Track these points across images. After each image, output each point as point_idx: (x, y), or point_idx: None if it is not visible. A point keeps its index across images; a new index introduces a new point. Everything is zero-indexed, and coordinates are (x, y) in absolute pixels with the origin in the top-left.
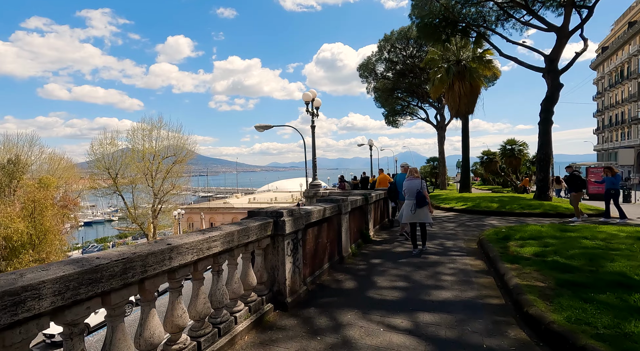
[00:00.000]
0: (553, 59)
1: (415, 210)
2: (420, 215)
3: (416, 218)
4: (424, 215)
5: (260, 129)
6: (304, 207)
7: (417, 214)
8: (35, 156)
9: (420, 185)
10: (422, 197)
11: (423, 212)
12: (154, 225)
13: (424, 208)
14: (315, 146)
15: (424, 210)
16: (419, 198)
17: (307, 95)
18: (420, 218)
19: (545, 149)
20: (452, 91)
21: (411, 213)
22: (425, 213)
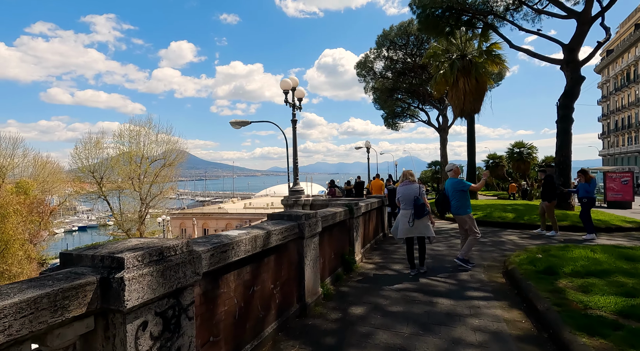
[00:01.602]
0: (573, 48)
1: (413, 222)
2: (419, 227)
3: (415, 231)
4: (424, 227)
5: (237, 126)
6: (230, 232)
7: (416, 227)
8: (18, 159)
9: (419, 191)
10: (421, 206)
11: (423, 224)
12: (140, 231)
13: (424, 219)
14: (296, 145)
15: (423, 221)
16: (417, 208)
17: (286, 82)
18: (420, 232)
19: (564, 151)
20: (457, 88)
21: (409, 226)
22: (425, 225)
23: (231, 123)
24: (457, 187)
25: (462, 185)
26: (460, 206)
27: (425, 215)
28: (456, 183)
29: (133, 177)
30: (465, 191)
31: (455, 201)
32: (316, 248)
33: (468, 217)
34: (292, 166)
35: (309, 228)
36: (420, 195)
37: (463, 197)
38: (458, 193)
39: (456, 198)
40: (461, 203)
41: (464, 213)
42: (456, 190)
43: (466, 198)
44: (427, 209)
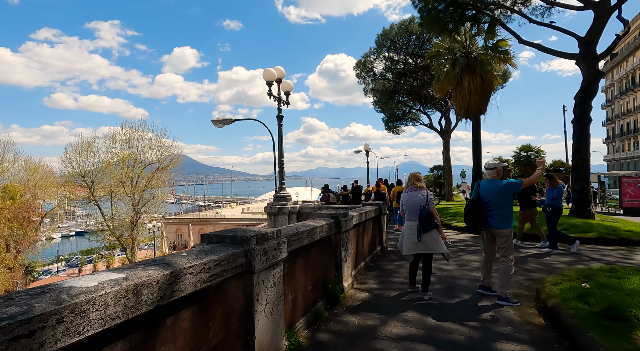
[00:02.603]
0: (590, 41)
1: (420, 236)
2: (427, 242)
3: (422, 247)
4: (433, 242)
5: (219, 124)
6: (77, 280)
7: (424, 242)
8: (8, 163)
9: (426, 199)
10: (428, 217)
11: (431, 238)
12: (132, 237)
13: (433, 232)
14: (282, 144)
15: (432, 235)
16: (422, 219)
17: (269, 72)
18: (428, 247)
19: (582, 153)
20: (461, 87)
21: (416, 241)
22: (434, 239)
23: (213, 122)
24: (506, 190)
25: (514, 185)
26: (507, 217)
27: (433, 228)
28: (504, 187)
29: (125, 182)
30: (513, 195)
31: (500, 210)
32: (279, 283)
33: (511, 232)
34: (277, 168)
35: (262, 256)
36: (428, 203)
37: (510, 204)
38: (505, 200)
39: (501, 206)
40: (508, 213)
41: (508, 226)
42: (502, 195)
43: (512, 206)
44: (435, 221)
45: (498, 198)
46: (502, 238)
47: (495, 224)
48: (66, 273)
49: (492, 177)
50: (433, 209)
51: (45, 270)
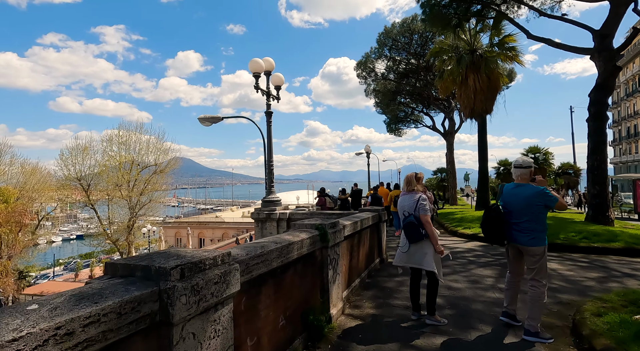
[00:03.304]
0: (606, 34)
1: (408, 247)
2: (416, 256)
3: (411, 260)
4: (421, 256)
5: (207, 123)
6: None
7: (413, 254)
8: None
9: (415, 204)
10: (410, 226)
11: (420, 252)
12: (128, 241)
13: (422, 244)
14: (271, 144)
15: (421, 248)
16: (405, 228)
17: (256, 63)
18: (416, 262)
19: (598, 154)
20: (466, 86)
21: (406, 250)
22: (423, 254)
23: (200, 120)
24: (539, 199)
25: (548, 199)
26: (538, 232)
27: (418, 239)
28: (537, 196)
29: (121, 185)
30: (547, 209)
31: (529, 223)
32: (225, 330)
33: (544, 250)
34: (267, 170)
35: (191, 296)
36: (416, 208)
37: (544, 217)
38: (536, 210)
39: (531, 219)
40: (539, 228)
41: (541, 243)
42: (532, 205)
43: (545, 220)
44: (421, 230)
45: (527, 209)
46: (532, 258)
47: (523, 240)
48: (62, 277)
49: (521, 180)
50: (424, 217)
51: (43, 274)
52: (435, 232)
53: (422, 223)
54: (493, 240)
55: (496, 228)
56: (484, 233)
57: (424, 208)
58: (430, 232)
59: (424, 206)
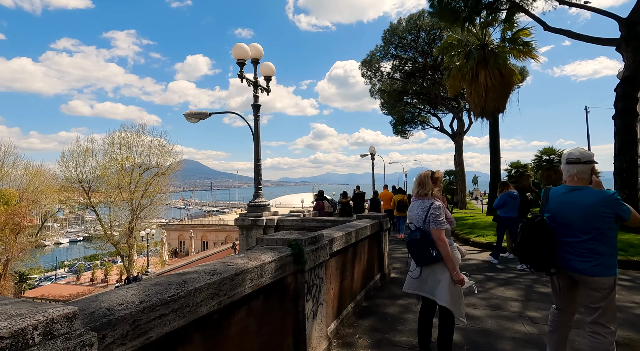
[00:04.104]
0: (635, 22)
1: (419, 272)
2: (429, 282)
3: (423, 287)
4: (435, 283)
5: (194, 120)
6: None
7: (424, 279)
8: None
9: (424, 214)
10: (415, 243)
11: (433, 278)
12: (129, 244)
13: (435, 268)
14: (258, 140)
15: (434, 273)
16: (411, 245)
17: (241, 48)
18: (429, 290)
19: (627, 154)
20: (476, 83)
21: (417, 274)
22: (437, 281)
23: (185, 116)
24: (608, 209)
25: (620, 207)
26: (607, 256)
27: (429, 261)
28: (606, 202)
29: (122, 187)
30: (619, 224)
31: (594, 242)
32: None
33: (614, 282)
34: (254, 170)
35: None
36: (426, 222)
37: (612, 235)
38: (603, 225)
39: (596, 236)
40: (608, 249)
41: (610, 272)
42: (601, 216)
43: (616, 240)
44: (430, 250)
45: (589, 222)
46: (595, 292)
47: (582, 267)
48: (64, 280)
49: (578, 181)
50: (436, 233)
51: (47, 276)
52: (453, 253)
53: (434, 241)
54: (535, 265)
55: (541, 250)
56: (522, 255)
57: (436, 221)
58: (445, 252)
59: (435, 217)
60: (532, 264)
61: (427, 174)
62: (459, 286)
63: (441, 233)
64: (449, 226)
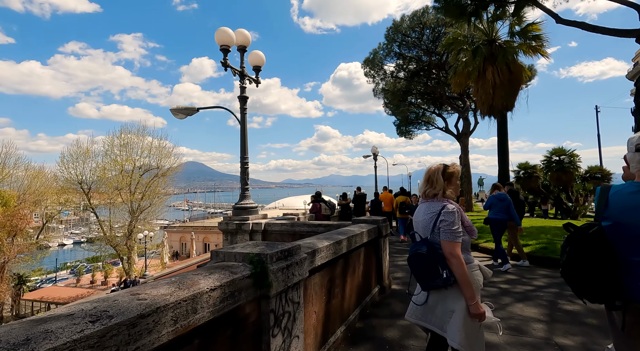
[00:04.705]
0: None
1: (425, 297)
2: (437, 312)
3: (431, 318)
4: (444, 316)
5: (181, 116)
6: None
7: (431, 308)
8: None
9: (433, 221)
10: (419, 258)
11: (443, 306)
12: (128, 246)
13: (446, 294)
14: (245, 135)
15: (444, 300)
16: (412, 261)
17: (224, 34)
18: (436, 323)
19: None
20: (484, 80)
21: (422, 300)
22: (447, 311)
23: (172, 112)
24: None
25: None
26: None
27: (437, 285)
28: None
29: (121, 188)
30: None
31: None
32: None
33: None
34: (240, 168)
35: None
36: (434, 229)
37: None
38: None
39: None
40: None
41: None
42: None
43: None
44: (439, 270)
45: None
46: None
47: None
48: (65, 282)
49: (629, 177)
50: (448, 246)
51: (49, 278)
52: (472, 275)
53: (446, 258)
54: (591, 294)
55: (600, 274)
56: (571, 280)
57: (448, 230)
58: (461, 273)
59: (448, 225)
60: (585, 293)
61: (437, 168)
62: (475, 321)
63: (455, 248)
64: (467, 237)
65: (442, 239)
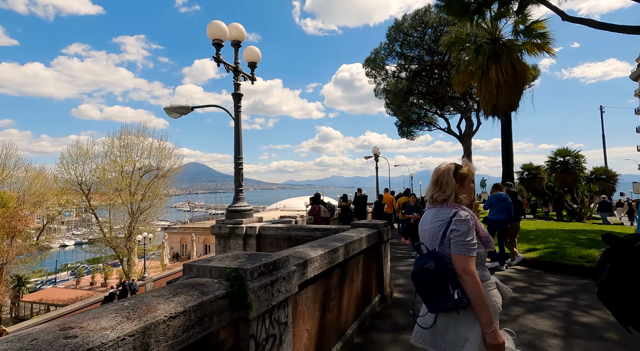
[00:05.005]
0: None
1: (433, 319)
2: (446, 339)
3: (435, 344)
4: (454, 344)
5: (176, 115)
6: None
7: (438, 332)
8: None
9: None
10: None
11: (453, 333)
12: (127, 248)
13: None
14: (240, 134)
15: (455, 326)
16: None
17: (217, 27)
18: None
19: None
20: (487, 79)
21: (429, 323)
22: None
23: (166, 110)
24: None
25: None
26: None
27: (447, 307)
28: None
29: (121, 189)
30: None
31: None
32: None
33: None
34: (234, 168)
35: None
36: (444, 241)
37: None
38: None
39: None
40: None
41: None
42: None
43: None
44: (449, 289)
45: None
46: None
47: None
48: (65, 284)
49: None
50: (461, 261)
51: (50, 279)
52: (489, 295)
53: (458, 275)
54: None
55: None
56: (610, 302)
57: (461, 242)
58: (475, 293)
59: (460, 236)
60: (632, 321)
61: (448, 169)
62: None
63: (469, 263)
64: (482, 250)
65: (453, 252)
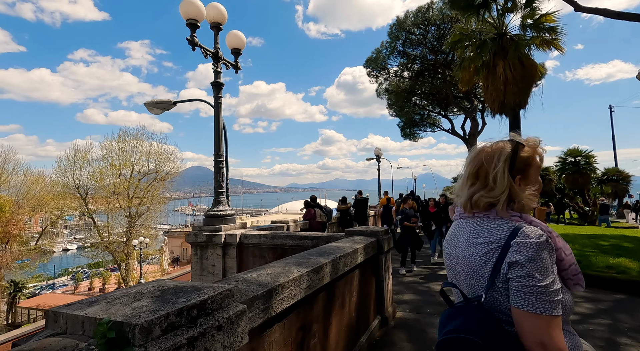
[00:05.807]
0: None
1: None
2: None
3: None
4: None
5: (158, 111)
6: None
7: None
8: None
9: (495, 258)
10: None
11: None
12: (125, 253)
13: None
14: (220, 129)
15: None
16: None
17: (190, 5)
18: None
19: None
20: (494, 76)
21: None
22: None
23: (146, 106)
24: None
25: None
26: None
27: None
28: None
29: (119, 193)
30: None
31: None
32: None
33: None
34: (214, 167)
35: None
36: (502, 278)
37: None
38: None
39: None
40: None
41: None
42: None
43: None
44: None
45: None
46: None
47: None
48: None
49: None
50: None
51: (49, 284)
52: None
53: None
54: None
55: None
56: None
57: (529, 287)
58: None
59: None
60: None
61: (498, 149)
62: None
63: (551, 329)
64: (569, 296)
65: (515, 306)
